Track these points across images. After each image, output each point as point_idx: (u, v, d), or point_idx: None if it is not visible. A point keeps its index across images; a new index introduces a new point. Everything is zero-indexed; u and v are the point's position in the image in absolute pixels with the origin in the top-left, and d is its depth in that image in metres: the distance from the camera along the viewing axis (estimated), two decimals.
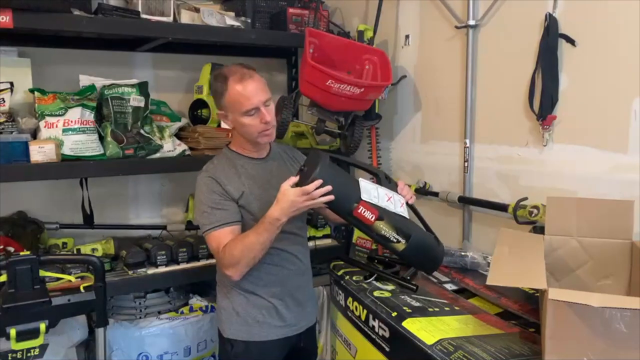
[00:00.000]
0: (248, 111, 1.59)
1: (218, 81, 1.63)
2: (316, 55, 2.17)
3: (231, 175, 1.66)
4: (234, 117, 1.62)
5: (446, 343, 1.25)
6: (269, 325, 1.70)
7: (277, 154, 1.79)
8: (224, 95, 1.61)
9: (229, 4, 2.57)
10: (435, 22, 2.19)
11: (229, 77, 1.60)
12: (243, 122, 1.61)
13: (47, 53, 2.32)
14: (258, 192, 1.67)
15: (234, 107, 1.60)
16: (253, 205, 1.65)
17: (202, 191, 1.65)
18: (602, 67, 1.61)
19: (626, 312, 0.96)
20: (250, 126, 1.61)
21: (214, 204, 1.61)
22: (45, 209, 2.41)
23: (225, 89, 1.59)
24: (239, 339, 1.70)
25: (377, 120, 2.42)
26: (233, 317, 1.71)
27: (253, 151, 1.72)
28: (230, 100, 1.60)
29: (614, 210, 1.45)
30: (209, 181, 1.64)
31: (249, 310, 1.69)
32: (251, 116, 1.60)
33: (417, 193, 2.27)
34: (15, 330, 1.60)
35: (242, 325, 1.70)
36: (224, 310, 1.74)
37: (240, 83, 1.58)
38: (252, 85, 1.59)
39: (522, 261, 1.28)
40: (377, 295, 1.58)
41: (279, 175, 1.69)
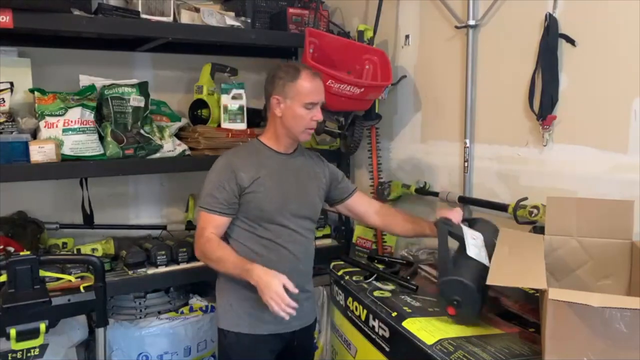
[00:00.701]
0: (309, 104, 1.68)
1: (289, 69, 1.72)
2: (316, 55, 2.17)
3: (249, 163, 1.72)
4: (291, 105, 1.69)
5: (446, 343, 1.25)
6: (260, 320, 1.72)
7: (304, 155, 1.86)
8: (292, 82, 1.68)
9: (229, 4, 2.57)
10: (435, 22, 2.19)
11: (302, 70, 1.71)
12: (297, 113, 1.69)
13: (47, 53, 2.32)
14: (272, 183, 1.71)
15: (298, 96, 1.68)
16: (261, 194, 1.69)
17: (213, 170, 1.74)
18: (602, 67, 1.61)
19: (626, 312, 0.96)
20: (301, 118, 1.69)
21: (215, 188, 1.69)
22: (45, 209, 2.41)
23: (297, 77, 1.68)
24: (231, 330, 1.75)
25: (377, 120, 2.42)
26: (227, 309, 1.76)
27: (281, 146, 1.78)
28: (297, 88, 1.68)
29: (614, 210, 1.45)
30: (222, 164, 1.73)
31: (241, 303, 1.73)
32: (308, 110, 1.69)
33: (417, 193, 2.27)
34: (15, 330, 1.60)
35: (235, 318, 1.74)
36: (220, 301, 1.80)
37: (314, 77, 1.70)
38: (320, 84, 1.72)
39: (522, 261, 1.28)
40: (377, 295, 1.58)
41: (298, 173, 1.79)
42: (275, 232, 1.72)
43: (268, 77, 1.76)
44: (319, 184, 1.85)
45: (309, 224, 1.81)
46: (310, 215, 1.82)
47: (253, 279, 1.55)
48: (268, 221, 1.72)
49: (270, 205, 1.70)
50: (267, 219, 1.71)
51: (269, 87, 1.74)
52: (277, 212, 1.72)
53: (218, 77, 2.56)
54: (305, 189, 1.80)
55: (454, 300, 1.28)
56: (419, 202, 2.36)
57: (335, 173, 1.93)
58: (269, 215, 1.71)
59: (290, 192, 1.75)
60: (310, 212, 1.81)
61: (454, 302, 1.28)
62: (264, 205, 1.70)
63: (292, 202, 1.74)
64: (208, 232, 1.68)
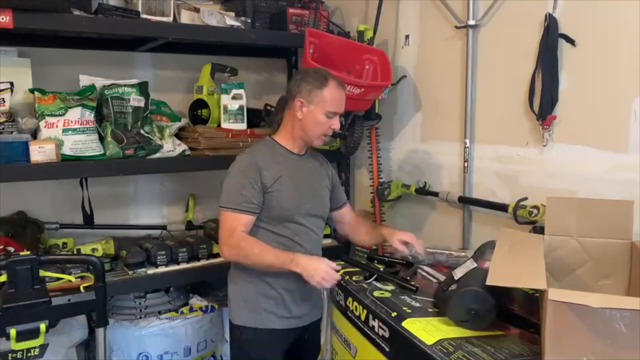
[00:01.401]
0: (331, 112, 1.74)
1: (317, 75, 1.75)
2: (316, 55, 2.17)
3: (269, 160, 1.76)
4: (314, 110, 1.73)
5: (446, 343, 1.25)
6: (275, 315, 1.78)
7: (312, 157, 1.91)
8: (319, 89, 1.72)
9: (229, 4, 2.57)
10: (435, 22, 2.19)
11: (329, 79, 1.74)
12: (318, 119, 1.74)
13: (47, 53, 2.32)
14: (290, 183, 1.77)
15: (322, 103, 1.72)
16: (283, 193, 1.74)
17: (236, 170, 1.75)
18: (602, 67, 1.61)
19: (626, 312, 0.96)
20: (321, 124, 1.74)
21: (243, 187, 1.70)
22: (45, 209, 2.41)
23: (325, 85, 1.72)
24: (248, 325, 1.79)
25: (377, 120, 2.42)
26: (241, 305, 1.80)
27: (295, 147, 1.82)
28: (323, 95, 1.72)
29: (614, 210, 1.44)
30: (248, 163, 1.74)
31: (257, 298, 1.78)
32: (328, 118, 1.74)
33: (417, 193, 2.27)
34: (15, 330, 1.60)
35: (251, 313, 1.79)
36: (234, 298, 1.83)
37: (339, 88, 1.76)
38: (343, 95, 1.77)
39: (522, 261, 1.28)
40: (377, 296, 1.58)
41: (310, 174, 1.86)
42: (293, 230, 1.78)
43: (295, 78, 1.80)
44: (327, 184, 1.92)
45: (321, 223, 1.89)
46: (322, 214, 1.90)
47: (299, 266, 1.62)
48: (287, 220, 1.77)
49: (290, 204, 1.76)
50: (287, 218, 1.77)
51: (294, 88, 1.76)
52: (296, 211, 1.78)
53: (218, 77, 2.56)
54: (317, 189, 1.87)
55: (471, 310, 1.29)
56: (419, 202, 2.36)
57: (336, 179, 2.00)
58: (289, 213, 1.77)
59: (306, 192, 1.81)
60: (322, 211, 1.89)
61: (472, 311, 1.29)
62: (285, 204, 1.75)
63: (307, 201, 1.81)
64: (239, 231, 1.69)
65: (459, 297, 1.33)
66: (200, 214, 2.81)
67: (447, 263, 1.86)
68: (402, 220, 2.46)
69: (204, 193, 2.81)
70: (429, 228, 2.32)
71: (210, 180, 2.79)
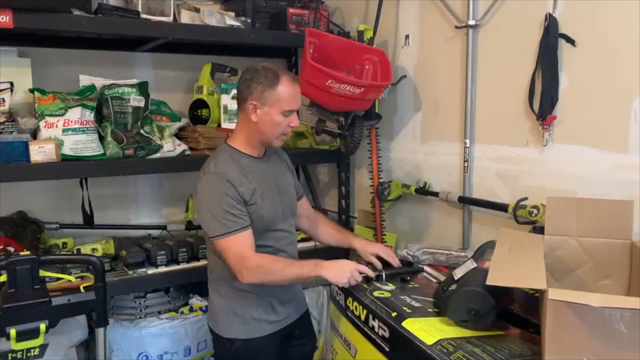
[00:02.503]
0: (287, 111, 1.65)
1: (267, 73, 1.64)
2: (316, 55, 2.17)
3: (240, 175, 1.66)
4: (268, 111, 1.64)
5: (446, 343, 1.25)
6: (265, 322, 1.75)
7: (271, 154, 1.84)
8: (272, 89, 1.62)
9: (229, 4, 2.57)
10: (435, 22, 2.19)
11: (281, 75, 1.63)
12: (275, 120, 1.65)
13: (47, 53, 2.32)
14: (265, 191, 1.71)
15: (277, 103, 1.63)
16: (260, 205, 1.68)
17: (213, 193, 1.63)
18: (602, 67, 1.61)
19: (626, 312, 0.96)
20: (278, 125, 1.66)
21: (229, 207, 1.60)
22: (45, 209, 2.41)
23: (277, 84, 1.62)
24: (239, 337, 1.74)
25: (377, 120, 2.42)
26: (231, 318, 1.75)
27: (255, 150, 1.75)
28: (276, 95, 1.63)
29: (614, 210, 1.44)
30: (222, 183, 1.62)
31: (247, 309, 1.74)
32: (285, 117, 1.65)
33: (417, 193, 2.27)
34: (15, 330, 1.60)
35: (242, 325, 1.74)
36: (221, 311, 1.77)
37: (292, 85, 1.65)
38: (298, 90, 1.68)
39: (522, 261, 1.28)
40: (377, 296, 1.58)
41: (275, 174, 1.80)
42: (275, 237, 1.75)
43: (243, 78, 1.68)
44: (290, 178, 1.91)
45: (294, 220, 1.88)
46: (294, 211, 1.87)
47: (325, 270, 1.59)
48: (268, 229, 1.72)
49: (269, 213, 1.71)
50: (267, 228, 1.72)
51: (244, 89, 1.66)
52: (275, 219, 1.74)
53: (218, 77, 2.56)
54: (284, 189, 1.83)
55: (471, 310, 1.30)
56: (419, 202, 2.36)
57: (293, 169, 1.97)
58: (269, 223, 1.72)
59: (278, 196, 1.77)
60: (293, 208, 1.87)
61: (472, 311, 1.30)
62: (265, 215, 1.69)
63: (281, 205, 1.77)
64: (249, 252, 1.61)
65: (459, 297, 1.33)
66: None
67: (447, 263, 1.86)
68: (402, 220, 2.46)
69: None
70: (429, 228, 2.32)
71: None
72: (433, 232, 2.28)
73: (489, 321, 1.31)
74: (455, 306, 1.33)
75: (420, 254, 1.89)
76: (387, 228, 2.50)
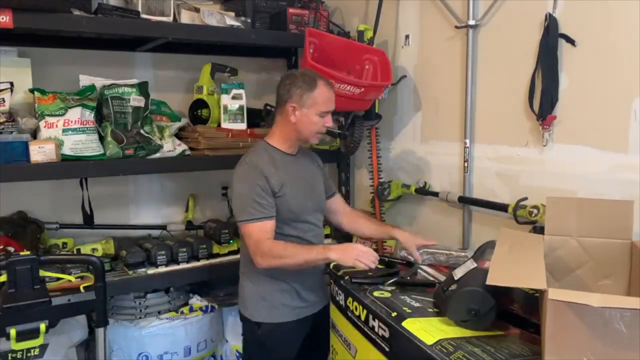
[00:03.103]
0: (323, 112, 1.81)
1: (306, 78, 1.81)
2: (316, 55, 2.17)
3: (272, 168, 1.82)
4: (307, 112, 1.80)
5: (446, 343, 1.25)
6: (292, 307, 1.89)
7: (303, 153, 2.00)
8: (310, 92, 1.79)
9: (229, 4, 2.57)
10: (435, 22, 2.19)
11: (318, 80, 1.80)
12: (312, 120, 1.81)
13: (47, 53, 2.32)
14: (294, 185, 1.86)
15: (315, 105, 1.80)
16: (290, 196, 1.83)
17: (245, 181, 1.80)
18: (602, 67, 1.61)
19: (626, 312, 0.96)
20: (315, 124, 1.82)
21: (257, 196, 1.77)
22: (45, 209, 2.41)
23: (314, 88, 1.79)
24: (266, 321, 1.88)
25: (377, 120, 2.42)
26: (260, 302, 1.88)
27: (289, 148, 1.91)
28: (313, 98, 1.79)
29: (614, 210, 1.44)
30: (254, 173, 1.79)
31: (274, 294, 1.87)
32: (322, 117, 1.82)
33: (417, 193, 2.27)
34: (15, 330, 1.60)
35: (269, 309, 1.87)
36: (251, 296, 1.90)
37: (328, 89, 1.82)
38: (333, 93, 1.85)
39: (522, 261, 1.28)
40: (377, 296, 1.58)
41: (305, 171, 1.96)
42: (301, 229, 1.88)
43: (283, 83, 1.84)
44: (320, 177, 2.03)
45: (321, 216, 2.00)
46: (322, 207, 2.01)
47: (333, 253, 1.70)
48: (295, 220, 1.87)
49: (296, 205, 1.85)
50: (294, 219, 1.86)
51: (285, 94, 1.82)
52: (302, 211, 1.88)
53: (218, 77, 2.56)
54: (314, 185, 1.97)
55: (471, 310, 1.30)
56: (419, 202, 2.36)
57: (323, 170, 2.10)
58: (296, 215, 1.86)
59: (307, 190, 1.91)
60: (322, 204, 2.00)
61: (472, 311, 1.30)
62: (292, 207, 1.84)
63: (309, 199, 1.91)
64: (265, 239, 1.75)
65: (459, 297, 1.33)
66: (200, 214, 2.82)
67: (447, 263, 1.86)
68: (402, 220, 2.46)
69: (204, 193, 2.82)
70: (429, 228, 2.32)
71: (210, 180, 2.80)
72: (433, 232, 2.28)
73: (489, 321, 1.31)
74: (455, 306, 1.33)
75: (420, 254, 1.89)
76: None
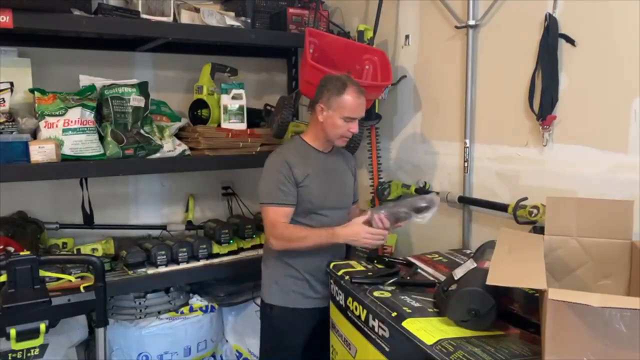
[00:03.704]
0: (347, 117, 1.86)
1: (337, 82, 1.87)
2: (316, 55, 2.17)
3: (299, 160, 1.92)
4: (332, 114, 1.87)
5: (446, 343, 1.25)
6: (303, 295, 1.97)
7: (337, 153, 2.06)
8: (337, 96, 1.85)
9: (229, 4, 2.57)
10: (435, 22, 2.19)
11: (348, 85, 1.86)
12: (336, 123, 1.88)
13: (47, 53, 2.32)
14: (318, 178, 1.94)
15: (339, 109, 1.86)
16: (313, 187, 1.91)
17: (271, 169, 1.92)
18: (602, 67, 1.61)
19: (626, 312, 0.96)
20: (339, 127, 1.88)
21: (279, 183, 1.88)
22: (45, 209, 2.41)
23: (343, 92, 1.85)
24: (277, 304, 1.99)
25: (377, 120, 2.42)
26: (272, 285, 2.00)
27: (321, 145, 1.98)
28: (340, 102, 1.85)
29: (614, 210, 1.44)
30: (280, 162, 1.90)
31: (286, 280, 1.97)
32: (346, 122, 1.87)
33: (417, 193, 2.27)
34: (15, 330, 1.60)
35: (280, 293, 1.98)
36: (266, 280, 2.03)
37: (356, 95, 1.86)
38: (362, 101, 1.89)
39: (522, 261, 1.28)
40: (377, 296, 1.58)
41: (336, 169, 2.02)
42: (318, 221, 1.94)
43: (321, 84, 1.92)
44: (349, 179, 2.08)
45: (344, 214, 2.04)
46: (346, 206, 2.06)
47: (340, 237, 1.82)
48: (313, 212, 1.94)
49: (317, 198, 1.92)
50: (312, 210, 1.94)
51: (318, 93, 1.90)
52: (321, 205, 1.94)
53: (218, 77, 2.56)
54: (342, 183, 2.04)
55: (471, 310, 1.30)
56: None
57: (356, 176, 2.14)
58: (314, 207, 1.93)
59: (332, 187, 1.98)
60: (345, 203, 2.06)
61: (472, 311, 1.30)
62: (312, 198, 1.92)
63: (332, 195, 1.98)
64: (280, 222, 1.87)
65: (459, 297, 1.33)
66: (200, 214, 2.82)
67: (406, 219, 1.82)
68: None
69: (204, 193, 2.82)
70: (429, 228, 2.31)
71: (210, 180, 2.80)
72: (433, 232, 2.28)
73: (489, 321, 1.31)
74: (455, 306, 1.34)
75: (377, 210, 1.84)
76: None
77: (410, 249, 2.41)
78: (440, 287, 1.48)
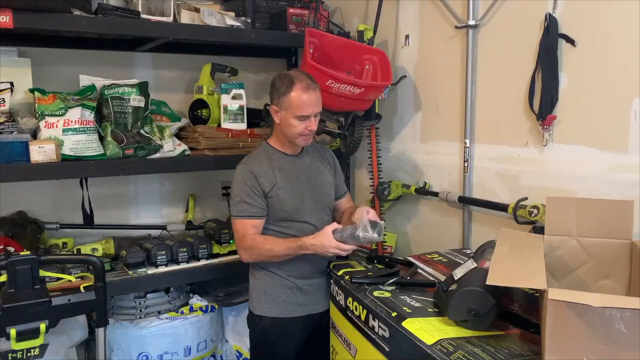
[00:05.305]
0: (301, 116, 1.78)
1: (283, 81, 1.79)
2: (316, 55, 2.17)
3: (266, 168, 1.85)
4: (285, 115, 1.80)
5: (446, 343, 1.25)
6: (293, 304, 1.90)
7: (309, 153, 1.98)
8: (285, 95, 1.78)
9: (229, 4, 2.57)
10: (435, 22, 2.19)
11: (295, 82, 1.77)
12: (291, 123, 1.80)
13: (47, 53, 2.32)
14: (288, 184, 1.86)
15: (290, 109, 1.78)
16: (283, 196, 1.84)
17: (237, 180, 1.85)
18: (602, 67, 1.61)
19: (626, 312, 0.96)
20: (295, 127, 1.80)
21: (245, 195, 1.82)
22: (45, 209, 2.41)
23: (290, 91, 1.77)
24: (266, 315, 1.91)
25: (377, 120, 2.42)
26: (262, 296, 1.92)
27: (288, 148, 1.91)
28: (289, 101, 1.77)
29: (614, 210, 1.44)
30: (245, 172, 1.84)
31: (275, 290, 1.90)
32: (301, 121, 1.79)
33: (417, 193, 2.27)
34: (15, 330, 1.60)
35: (270, 304, 1.90)
36: (254, 290, 1.95)
37: (305, 91, 1.77)
38: (313, 97, 1.79)
39: (522, 261, 1.28)
40: (377, 295, 1.58)
41: (308, 171, 1.93)
42: (297, 228, 1.87)
43: (270, 84, 1.85)
44: (328, 177, 1.99)
45: (326, 216, 1.97)
46: (327, 205, 1.97)
47: (308, 249, 1.73)
48: (290, 220, 1.87)
49: (290, 205, 1.85)
50: (288, 218, 1.87)
51: (270, 95, 1.85)
52: (297, 211, 1.87)
53: (218, 77, 2.56)
54: (318, 185, 1.94)
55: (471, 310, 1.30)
56: (419, 202, 2.36)
57: (338, 169, 2.06)
58: (290, 214, 1.86)
59: (306, 191, 1.89)
60: (325, 203, 1.96)
61: (472, 311, 1.30)
62: (285, 206, 1.84)
63: (308, 199, 1.89)
64: (249, 233, 1.81)
65: (459, 297, 1.33)
66: (200, 214, 2.82)
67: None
68: (402, 220, 2.46)
69: (204, 193, 2.82)
70: (429, 228, 2.32)
71: (210, 180, 2.80)
72: (433, 232, 2.28)
73: (489, 321, 1.31)
74: (455, 306, 1.34)
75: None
76: (387, 228, 2.50)
77: (410, 249, 2.41)
78: (440, 287, 1.48)
